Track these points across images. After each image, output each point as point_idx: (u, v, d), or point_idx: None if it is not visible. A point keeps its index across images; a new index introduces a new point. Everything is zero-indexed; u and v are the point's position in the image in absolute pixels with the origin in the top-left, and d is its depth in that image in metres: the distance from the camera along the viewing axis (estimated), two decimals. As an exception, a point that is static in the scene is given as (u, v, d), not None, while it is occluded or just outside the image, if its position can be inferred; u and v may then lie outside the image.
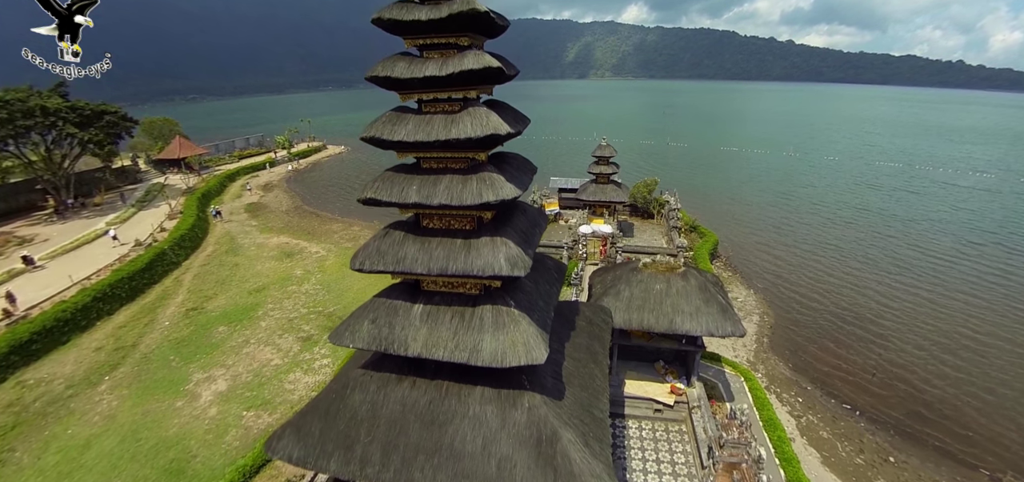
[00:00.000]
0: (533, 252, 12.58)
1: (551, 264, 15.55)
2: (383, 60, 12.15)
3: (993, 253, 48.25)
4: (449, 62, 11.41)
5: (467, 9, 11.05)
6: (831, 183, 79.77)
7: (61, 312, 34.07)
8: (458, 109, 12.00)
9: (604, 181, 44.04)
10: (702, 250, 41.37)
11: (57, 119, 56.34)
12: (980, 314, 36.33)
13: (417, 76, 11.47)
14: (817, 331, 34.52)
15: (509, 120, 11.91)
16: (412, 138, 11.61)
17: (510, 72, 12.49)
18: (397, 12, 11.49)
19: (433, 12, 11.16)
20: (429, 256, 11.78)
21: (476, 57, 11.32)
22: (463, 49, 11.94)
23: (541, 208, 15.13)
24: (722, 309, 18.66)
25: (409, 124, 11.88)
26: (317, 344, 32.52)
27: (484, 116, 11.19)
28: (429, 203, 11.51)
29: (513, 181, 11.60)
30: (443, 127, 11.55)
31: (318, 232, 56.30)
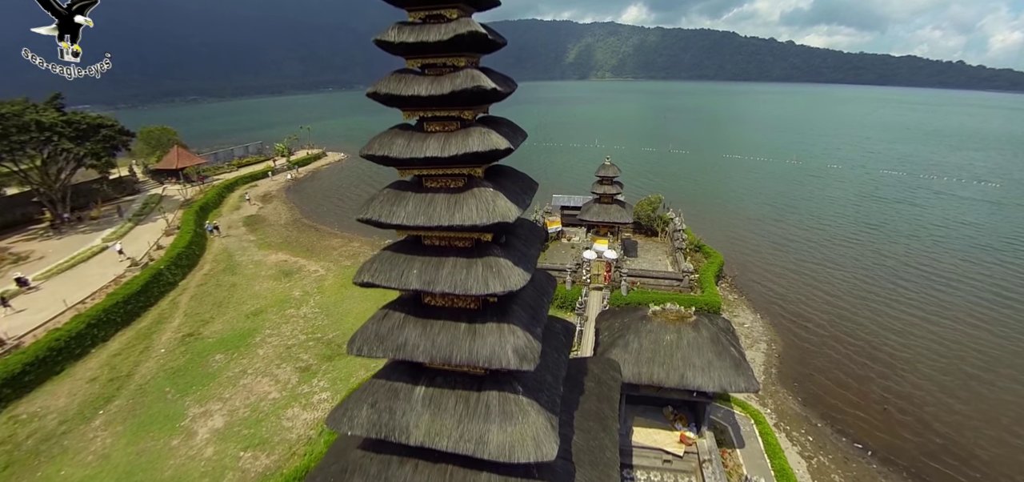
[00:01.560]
0: (542, 328, 11.91)
1: (559, 328, 14.90)
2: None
3: (999, 275, 47.33)
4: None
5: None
6: (834, 195, 79.04)
7: (54, 341, 33.37)
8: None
9: (608, 201, 43.37)
10: (708, 273, 40.70)
11: (52, 133, 55.67)
12: (986, 344, 35.54)
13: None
14: (825, 360, 33.88)
15: (508, 194, 11.31)
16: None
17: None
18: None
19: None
20: (431, 343, 11.12)
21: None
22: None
23: (548, 274, 14.31)
24: (735, 363, 18.01)
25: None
26: (315, 375, 31.86)
27: (490, 198, 10.59)
28: (432, 290, 10.85)
29: (521, 264, 10.93)
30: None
31: (317, 248, 55.63)
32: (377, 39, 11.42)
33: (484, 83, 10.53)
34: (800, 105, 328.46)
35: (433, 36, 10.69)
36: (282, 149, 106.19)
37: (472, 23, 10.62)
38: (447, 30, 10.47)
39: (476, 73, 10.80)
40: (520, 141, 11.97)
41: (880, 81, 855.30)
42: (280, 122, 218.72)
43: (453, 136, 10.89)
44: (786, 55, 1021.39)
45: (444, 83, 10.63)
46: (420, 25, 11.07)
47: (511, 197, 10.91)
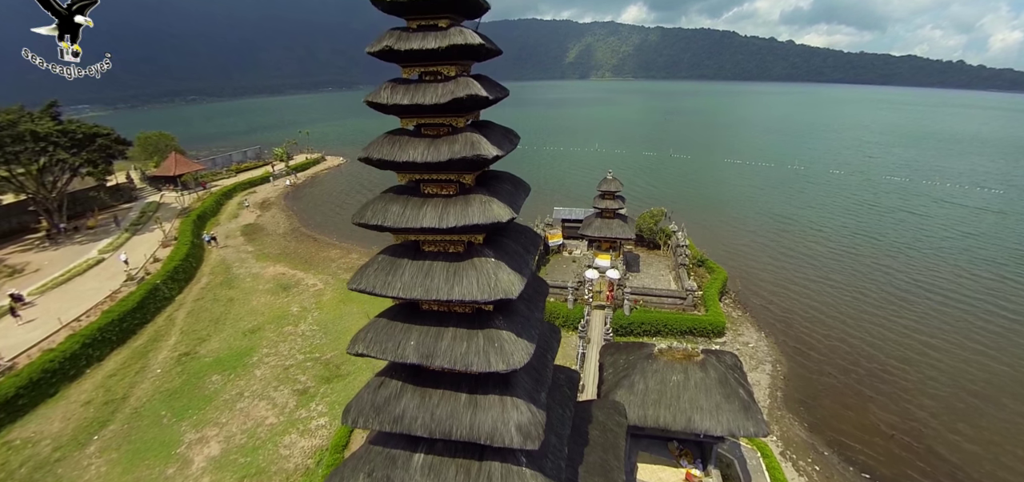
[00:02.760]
0: (547, 390, 11.39)
1: (563, 379, 14.38)
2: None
3: (1002, 291, 46.62)
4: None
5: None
6: (835, 203, 78.40)
7: (49, 362, 32.87)
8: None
9: (610, 216, 42.82)
10: (711, 289, 40.18)
11: (48, 143, 55.15)
12: (990, 365, 34.95)
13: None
14: (830, 382, 33.38)
15: (511, 260, 10.77)
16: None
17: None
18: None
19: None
20: (430, 415, 10.61)
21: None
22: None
23: (552, 327, 13.79)
24: (744, 405, 17.51)
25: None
26: (313, 399, 31.34)
27: (492, 270, 10.04)
28: (430, 364, 10.33)
29: (525, 333, 10.41)
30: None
31: (315, 260, 55.09)
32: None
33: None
34: (801, 106, 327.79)
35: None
36: (281, 154, 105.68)
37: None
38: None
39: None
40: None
41: (881, 81, 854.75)
42: (279, 124, 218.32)
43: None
44: (786, 55, 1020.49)
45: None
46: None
47: (513, 264, 10.39)
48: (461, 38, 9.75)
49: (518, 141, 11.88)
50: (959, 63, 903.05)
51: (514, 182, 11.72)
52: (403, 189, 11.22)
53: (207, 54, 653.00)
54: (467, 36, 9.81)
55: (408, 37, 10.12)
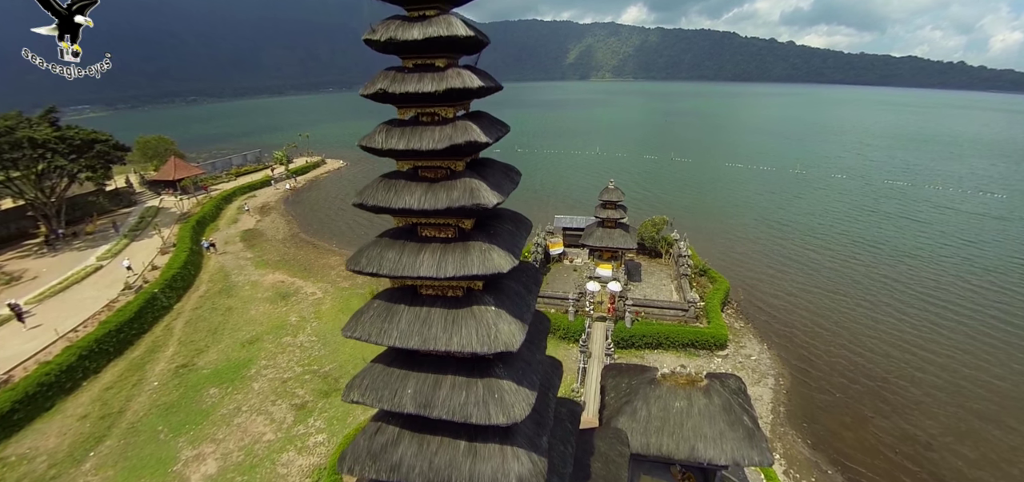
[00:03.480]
0: (549, 431, 11.06)
1: (565, 413, 14.06)
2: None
3: (1004, 302, 46.00)
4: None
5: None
6: (837, 209, 77.94)
7: (45, 375, 32.53)
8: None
9: (611, 225, 42.49)
10: (713, 300, 39.85)
11: (46, 150, 54.87)
12: (994, 381, 34.49)
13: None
14: (832, 396, 33.04)
15: (512, 305, 10.39)
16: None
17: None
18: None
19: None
20: (428, 463, 10.28)
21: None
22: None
23: (554, 362, 13.46)
24: (749, 433, 17.19)
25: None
26: (311, 414, 31.01)
27: (492, 320, 9.69)
28: (428, 415, 9.99)
29: (526, 380, 10.09)
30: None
31: (315, 268, 54.76)
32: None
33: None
34: (801, 108, 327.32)
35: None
36: (281, 157, 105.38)
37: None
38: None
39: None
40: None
41: (881, 81, 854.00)
42: (279, 126, 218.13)
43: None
44: (787, 56, 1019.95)
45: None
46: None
47: (515, 310, 10.06)
48: (459, 82, 9.45)
49: (519, 179, 11.57)
50: (960, 64, 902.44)
51: (515, 222, 11.39)
52: (400, 232, 10.89)
53: (207, 55, 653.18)
54: (465, 79, 9.50)
55: (404, 79, 9.82)
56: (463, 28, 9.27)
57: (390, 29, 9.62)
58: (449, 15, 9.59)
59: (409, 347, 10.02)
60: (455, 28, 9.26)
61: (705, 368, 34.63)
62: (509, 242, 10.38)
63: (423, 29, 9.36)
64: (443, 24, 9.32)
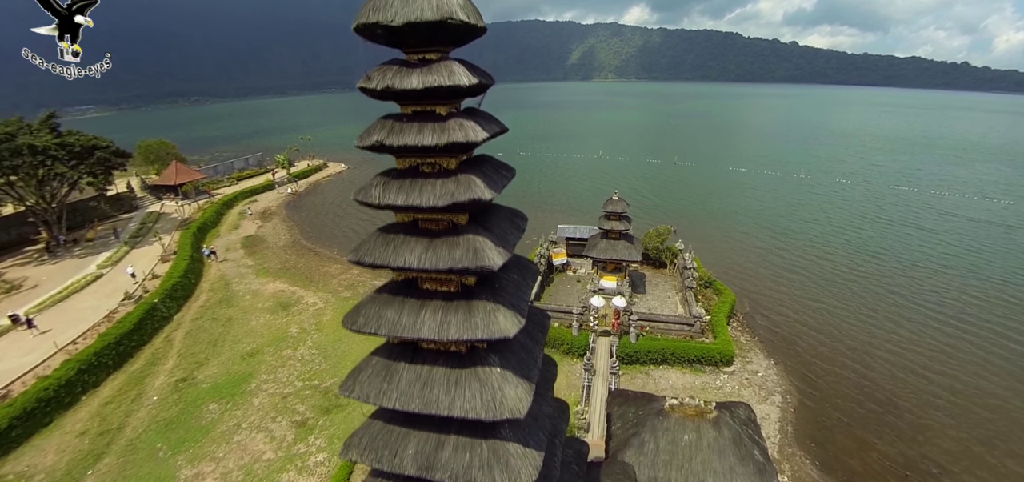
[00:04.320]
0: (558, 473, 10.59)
1: (571, 456, 13.60)
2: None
3: (1011, 315, 45.32)
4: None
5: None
6: (840, 216, 77.05)
7: (43, 391, 32.20)
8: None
9: (615, 237, 41.96)
10: (719, 314, 39.34)
11: (46, 157, 54.59)
12: (1002, 401, 33.79)
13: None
14: (840, 414, 32.48)
15: (518, 367, 9.88)
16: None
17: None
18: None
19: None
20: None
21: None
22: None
23: (562, 404, 12.97)
24: (759, 468, 16.72)
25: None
26: (312, 432, 30.61)
27: (497, 384, 9.20)
28: (431, 478, 9.48)
29: (533, 441, 9.62)
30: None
31: (316, 276, 54.38)
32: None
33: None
34: (805, 110, 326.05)
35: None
36: (282, 161, 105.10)
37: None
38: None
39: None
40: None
41: (885, 82, 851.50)
42: (281, 127, 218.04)
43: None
44: (790, 56, 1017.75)
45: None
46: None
47: (521, 369, 9.58)
48: (462, 135, 8.97)
49: (525, 225, 11.09)
50: (964, 64, 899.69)
51: (521, 270, 10.92)
52: (399, 287, 10.42)
53: (211, 54, 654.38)
54: (469, 131, 9.02)
55: (402, 129, 9.36)
56: (466, 77, 8.80)
57: (387, 77, 9.14)
58: (451, 61, 9.09)
59: (409, 410, 9.57)
60: (457, 77, 8.78)
61: (711, 385, 34.22)
62: (515, 296, 9.91)
63: (423, 78, 8.88)
64: (444, 72, 8.84)
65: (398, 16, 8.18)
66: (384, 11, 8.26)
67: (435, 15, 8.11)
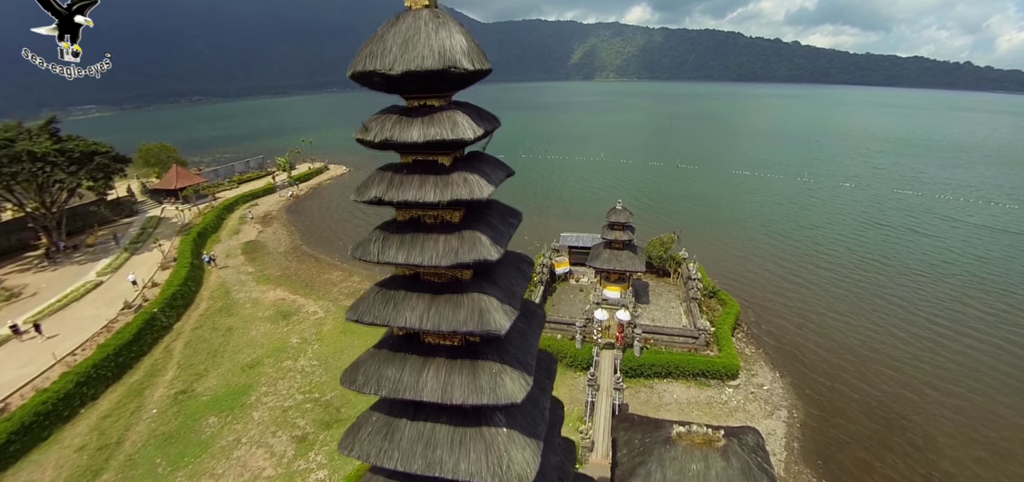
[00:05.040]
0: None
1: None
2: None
3: (1016, 325, 44.80)
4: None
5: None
6: (843, 222, 76.34)
7: (42, 404, 31.89)
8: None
9: (619, 247, 41.55)
10: (724, 325, 38.93)
11: (45, 163, 54.33)
12: (1011, 419, 33.36)
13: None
14: (846, 430, 32.02)
15: (525, 425, 9.55)
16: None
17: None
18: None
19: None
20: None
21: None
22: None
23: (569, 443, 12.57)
24: (769, 501, 16.34)
25: None
26: (312, 447, 30.26)
27: (503, 447, 8.81)
28: None
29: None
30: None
31: (316, 283, 54.05)
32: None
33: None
34: (807, 110, 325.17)
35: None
36: (284, 163, 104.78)
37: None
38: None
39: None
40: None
41: (887, 82, 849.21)
42: (282, 128, 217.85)
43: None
44: (792, 56, 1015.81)
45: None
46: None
47: (528, 427, 9.19)
48: (466, 191, 8.55)
49: (531, 270, 10.69)
50: (966, 64, 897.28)
51: (528, 318, 10.52)
52: (400, 343, 10.01)
53: (212, 54, 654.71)
54: (474, 187, 8.59)
55: (401, 183, 8.95)
56: (471, 129, 8.36)
57: (386, 127, 8.73)
58: (454, 112, 8.66)
59: (412, 472, 9.17)
60: (461, 131, 8.34)
61: (716, 399, 33.82)
62: (522, 350, 9.51)
63: (424, 130, 8.47)
64: (447, 124, 8.40)
65: (397, 64, 7.80)
66: (382, 59, 7.88)
67: (437, 64, 7.73)
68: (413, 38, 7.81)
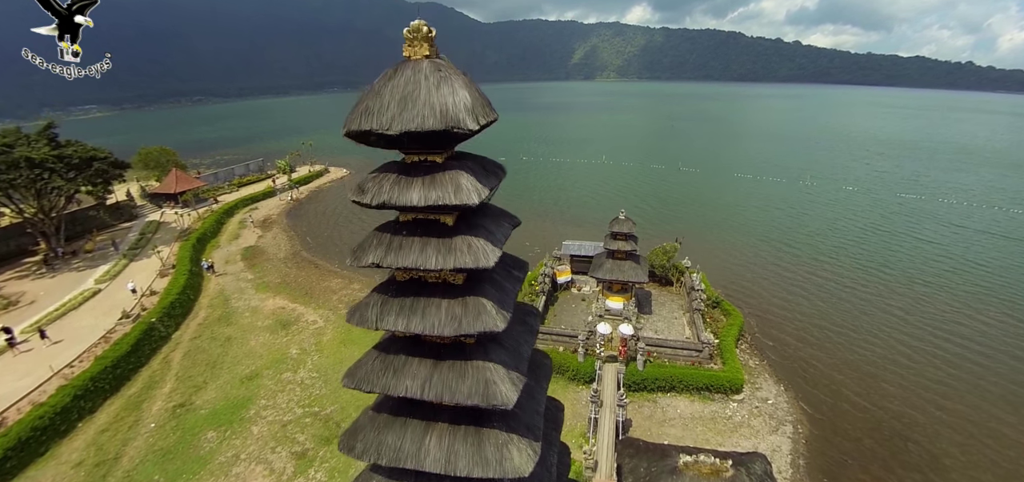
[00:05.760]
0: None
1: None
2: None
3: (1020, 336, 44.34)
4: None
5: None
6: (848, 230, 75.55)
7: (38, 419, 31.49)
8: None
9: (621, 257, 41.10)
10: (728, 337, 38.51)
11: (43, 170, 53.99)
12: (1018, 437, 32.93)
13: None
14: (852, 446, 31.59)
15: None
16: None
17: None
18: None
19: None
20: None
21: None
22: None
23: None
24: (780, 534, 15.97)
25: None
26: (312, 464, 29.89)
27: None
28: None
29: None
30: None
31: (316, 291, 53.65)
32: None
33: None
34: (809, 111, 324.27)
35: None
36: (284, 166, 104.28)
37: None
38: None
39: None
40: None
41: (888, 82, 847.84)
42: (283, 129, 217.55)
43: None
44: (793, 56, 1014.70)
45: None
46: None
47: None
48: (470, 260, 8.11)
49: (538, 325, 10.27)
50: (968, 64, 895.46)
51: (536, 372, 10.10)
52: (400, 407, 9.58)
53: (212, 55, 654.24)
54: (479, 255, 8.14)
55: (400, 248, 8.51)
56: (475, 192, 7.87)
57: (384, 189, 8.30)
58: (458, 173, 8.18)
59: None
60: (465, 196, 7.86)
61: (721, 414, 33.40)
62: (530, 413, 9.09)
63: (425, 193, 8.02)
64: (450, 187, 7.92)
65: (395, 124, 7.38)
66: (378, 117, 7.46)
67: (438, 124, 7.31)
68: (412, 94, 7.38)
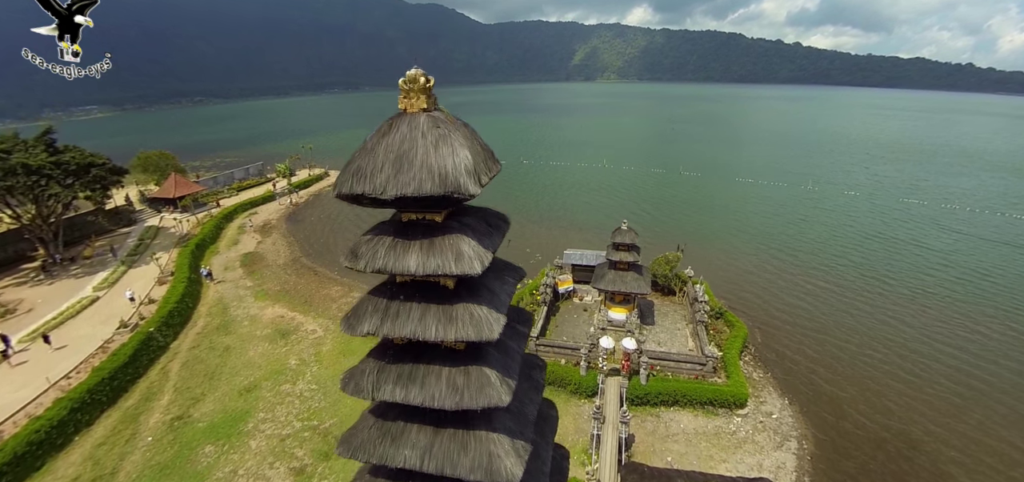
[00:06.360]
0: None
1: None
2: None
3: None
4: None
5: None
6: (847, 234, 75.12)
7: (34, 433, 31.11)
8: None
9: (623, 268, 40.72)
10: (732, 350, 38.09)
11: (41, 176, 53.63)
12: None
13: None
14: (858, 463, 31.20)
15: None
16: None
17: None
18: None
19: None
20: None
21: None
22: None
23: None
24: (789, 568, 15.59)
25: None
26: (310, 481, 29.49)
27: None
28: None
29: None
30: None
31: (315, 299, 53.27)
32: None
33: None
34: (810, 113, 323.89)
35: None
36: (283, 170, 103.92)
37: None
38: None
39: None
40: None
41: (888, 83, 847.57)
42: (283, 131, 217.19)
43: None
44: (793, 57, 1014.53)
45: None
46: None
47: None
48: (474, 333, 7.67)
49: (544, 384, 9.88)
50: (968, 65, 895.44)
51: (542, 427, 9.71)
52: (394, 474, 9.14)
53: (213, 55, 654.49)
54: (482, 327, 7.68)
55: (397, 317, 8.11)
56: (478, 260, 7.40)
57: (379, 255, 7.87)
58: (459, 237, 7.73)
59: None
60: (465, 265, 7.38)
61: (725, 429, 33.01)
62: (536, 475, 8.69)
63: (423, 260, 7.58)
64: (450, 255, 7.44)
65: (389, 188, 6.98)
66: (371, 180, 7.07)
67: (436, 189, 6.89)
68: (408, 154, 6.97)
